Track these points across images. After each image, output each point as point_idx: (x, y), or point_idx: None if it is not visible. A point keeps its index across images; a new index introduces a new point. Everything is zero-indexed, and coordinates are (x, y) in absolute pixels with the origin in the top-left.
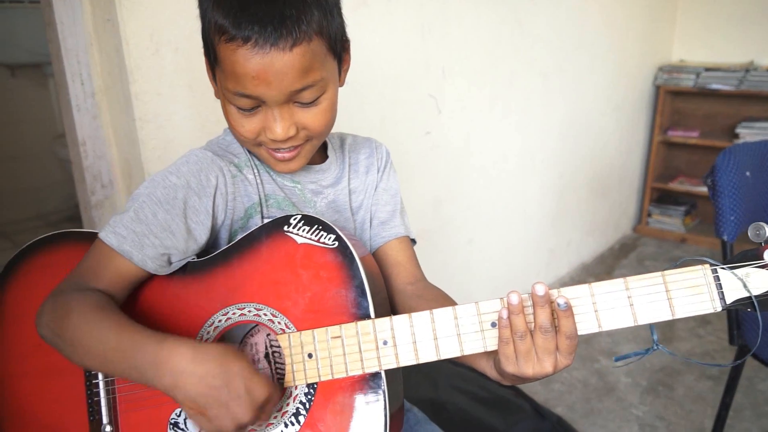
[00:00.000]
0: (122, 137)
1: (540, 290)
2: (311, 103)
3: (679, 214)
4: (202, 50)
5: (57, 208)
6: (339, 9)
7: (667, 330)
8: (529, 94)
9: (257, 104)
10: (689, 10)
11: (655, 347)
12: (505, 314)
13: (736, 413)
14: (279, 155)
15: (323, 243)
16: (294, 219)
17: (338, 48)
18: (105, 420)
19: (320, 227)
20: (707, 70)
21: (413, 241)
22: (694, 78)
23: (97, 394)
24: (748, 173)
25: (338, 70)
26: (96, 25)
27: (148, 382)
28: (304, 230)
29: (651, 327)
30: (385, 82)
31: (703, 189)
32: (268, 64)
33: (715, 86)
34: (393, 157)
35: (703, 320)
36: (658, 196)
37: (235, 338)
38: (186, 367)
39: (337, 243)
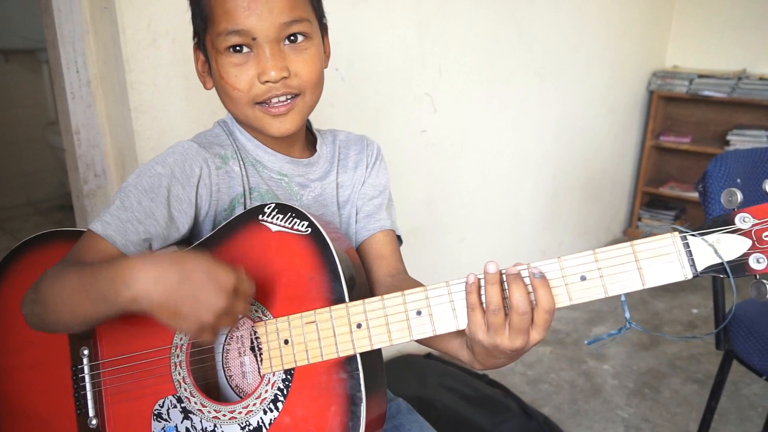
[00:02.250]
0: (116, 127)
1: (512, 270)
2: (300, 43)
3: (668, 219)
4: None
5: (48, 196)
6: None
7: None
8: (525, 95)
9: (247, 44)
10: (684, 17)
11: (628, 325)
12: (471, 279)
13: (721, 417)
14: (274, 110)
15: (297, 230)
16: (268, 208)
17: (319, 12)
18: (91, 413)
19: (293, 215)
20: (700, 76)
21: (399, 240)
22: (687, 84)
23: (84, 387)
24: (739, 180)
25: (321, 41)
26: (93, 13)
27: (113, 306)
28: (278, 218)
29: (623, 303)
30: (381, 79)
31: (693, 194)
32: None
33: (707, 93)
34: (387, 154)
35: (690, 324)
36: (648, 200)
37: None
38: (139, 275)
39: (310, 229)
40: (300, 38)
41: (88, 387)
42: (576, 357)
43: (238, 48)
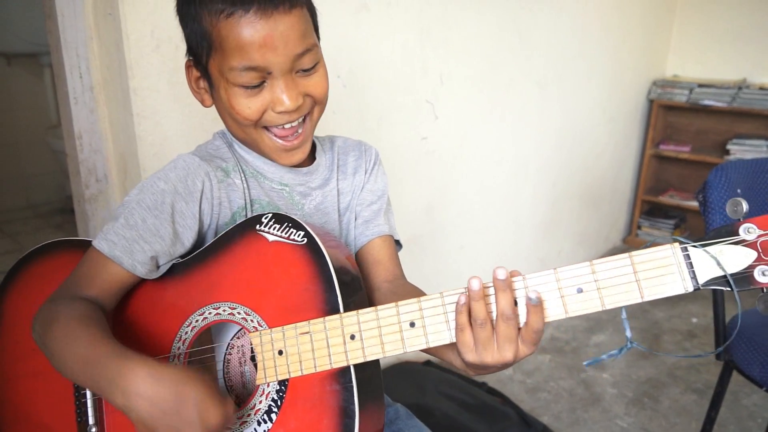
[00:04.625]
0: (119, 132)
1: (501, 274)
2: (311, 70)
3: (668, 228)
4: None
5: (48, 200)
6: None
7: (653, 342)
8: (526, 103)
9: (262, 79)
10: (685, 26)
11: (629, 345)
12: (462, 300)
13: (721, 427)
14: (287, 143)
15: (293, 240)
16: (265, 218)
17: (316, 26)
18: (91, 421)
19: (290, 224)
20: (700, 86)
21: (399, 244)
22: (688, 93)
23: (84, 395)
24: (739, 191)
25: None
26: (97, 19)
27: (105, 398)
28: (274, 228)
29: (624, 322)
30: (383, 86)
31: (693, 203)
32: (273, 27)
33: (707, 102)
34: (388, 160)
35: (689, 333)
36: (648, 208)
37: (219, 338)
38: (139, 389)
39: (306, 240)
40: (309, 68)
41: (89, 395)
42: (575, 365)
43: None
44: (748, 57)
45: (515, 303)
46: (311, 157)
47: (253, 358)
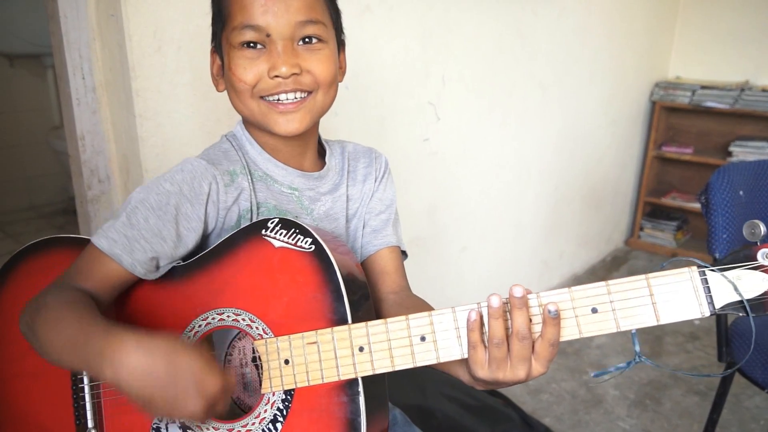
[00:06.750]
0: (121, 133)
1: (517, 292)
2: (314, 46)
3: (670, 229)
4: (204, 49)
5: (50, 201)
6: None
7: (655, 344)
8: (528, 105)
9: (263, 41)
10: (687, 28)
11: (637, 359)
12: (473, 316)
13: (722, 430)
14: (281, 106)
15: (300, 247)
16: (271, 223)
17: (338, 25)
18: (90, 424)
19: (297, 230)
20: (703, 87)
21: (405, 254)
22: (690, 95)
23: (83, 398)
24: (741, 192)
25: (337, 49)
26: (99, 20)
27: (95, 375)
28: (281, 234)
29: (633, 337)
30: (385, 88)
31: (696, 205)
32: None
33: (710, 104)
34: (391, 162)
35: (691, 335)
36: (650, 210)
37: (222, 342)
38: (130, 360)
39: (313, 246)
40: (314, 40)
41: (87, 398)
42: (577, 367)
43: (252, 44)
44: (751, 59)
45: (530, 321)
46: (321, 162)
47: (254, 360)
